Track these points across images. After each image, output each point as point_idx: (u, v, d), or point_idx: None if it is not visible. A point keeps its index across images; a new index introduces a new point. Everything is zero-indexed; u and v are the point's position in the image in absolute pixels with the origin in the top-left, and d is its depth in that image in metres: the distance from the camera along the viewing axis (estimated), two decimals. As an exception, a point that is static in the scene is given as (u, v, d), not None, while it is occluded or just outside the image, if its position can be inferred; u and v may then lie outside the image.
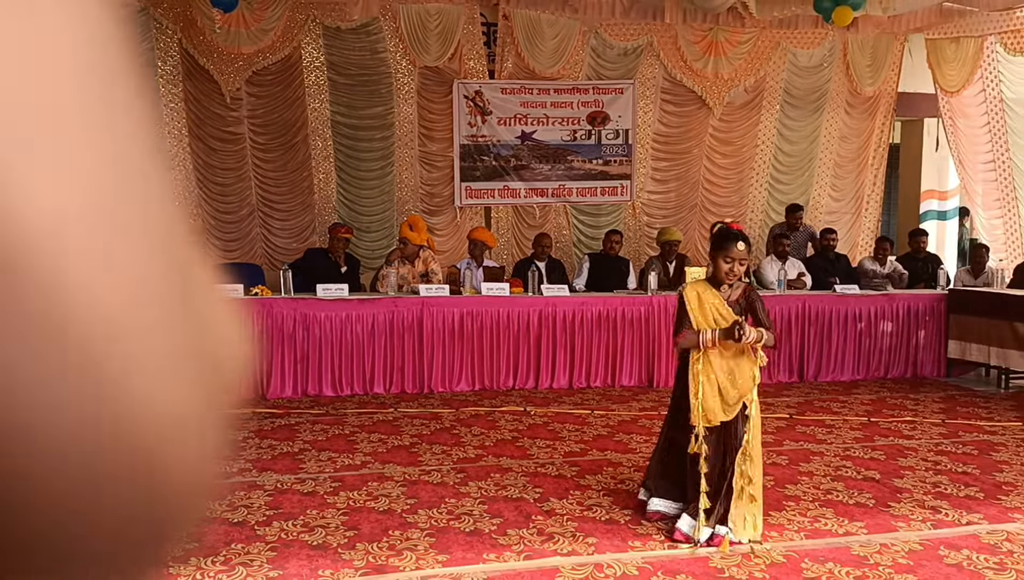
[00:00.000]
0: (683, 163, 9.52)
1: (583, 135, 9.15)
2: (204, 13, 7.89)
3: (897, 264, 8.42)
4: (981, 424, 6.06)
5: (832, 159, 9.85)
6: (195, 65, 8.16)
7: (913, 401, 6.86)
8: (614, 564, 3.44)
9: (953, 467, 4.94)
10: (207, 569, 3.36)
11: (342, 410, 6.26)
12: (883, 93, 9.75)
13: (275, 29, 8.20)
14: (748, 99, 9.49)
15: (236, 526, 3.84)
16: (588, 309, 7.19)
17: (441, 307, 6.92)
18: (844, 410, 6.46)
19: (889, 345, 7.79)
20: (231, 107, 8.32)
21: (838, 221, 9.68)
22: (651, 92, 9.30)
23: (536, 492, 4.38)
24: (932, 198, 10.86)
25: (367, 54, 8.55)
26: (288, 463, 4.88)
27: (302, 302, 6.71)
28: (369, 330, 6.80)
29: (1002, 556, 3.57)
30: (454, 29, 8.57)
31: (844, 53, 9.53)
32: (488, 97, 8.84)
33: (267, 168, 8.54)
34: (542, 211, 9.21)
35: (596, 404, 6.58)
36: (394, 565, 3.42)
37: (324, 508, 4.10)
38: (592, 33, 8.97)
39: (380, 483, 4.51)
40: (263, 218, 8.63)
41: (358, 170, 8.74)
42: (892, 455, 5.19)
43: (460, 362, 7.00)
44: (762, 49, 9.33)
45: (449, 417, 6.08)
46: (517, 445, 5.34)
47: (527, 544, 3.65)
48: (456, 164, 8.90)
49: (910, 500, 4.32)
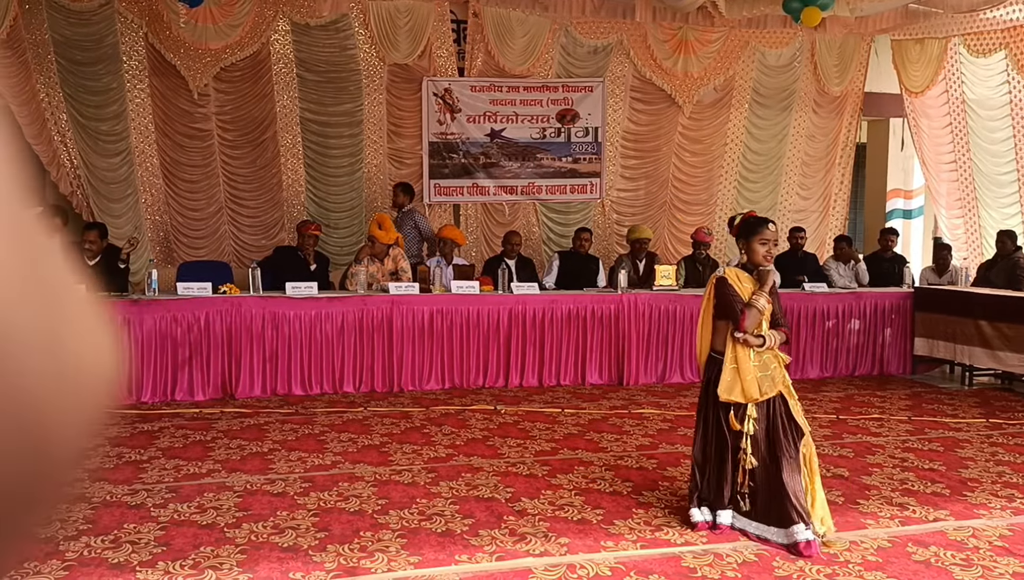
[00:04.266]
0: (652, 161, 9.56)
1: (552, 133, 9.15)
2: (170, 8, 7.77)
3: (860, 266, 8.47)
4: (946, 421, 6.16)
5: (800, 158, 9.95)
6: (162, 61, 8.03)
7: (880, 398, 6.95)
8: (587, 564, 3.44)
9: (920, 464, 5.00)
10: (175, 573, 3.30)
11: (311, 409, 6.21)
12: (850, 93, 9.86)
13: (243, 25, 8.09)
14: (717, 98, 9.55)
15: (205, 528, 3.78)
16: (558, 307, 7.19)
17: (411, 305, 6.88)
18: (813, 407, 6.52)
19: (856, 343, 7.89)
20: (199, 103, 8.20)
21: (806, 220, 9.78)
22: (621, 90, 9.33)
23: (508, 492, 4.36)
24: (898, 197, 11.02)
25: (336, 51, 8.48)
26: (258, 463, 4.82)
27: (271, 300, 6.64)
28: (338, 329, 6.75)
29: (968, 552, 3.62)
30: (424, 26, 8.53)
31: (812, 53, 9.63)
32: (457, 95, 8.81)
33: (235, 165, 8.44)
34: (511, 209, 9.20)
35: (566, 402, 6.59)
36: (366, 567, 3.39)
37: (294, 509, 4.05)
38: (562, 31, 8.97)
39: (351, 483, 4.47)
40: (231, 215, 8.53)
41: (327, 167, 8.66)
42: (860, 452, 5.25)
43: (430, 361, 6.96)
44: (731, 48, 9.39)
45: (419, 416, 6.05)
46: (488, 444, 5.32)
47: (499, 545, 3.64)
48: (425, 161, 8.86)
49: (878, 497, 4.36)
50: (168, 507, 4.06)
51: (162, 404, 6.32)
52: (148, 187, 8.29)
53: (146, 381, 6.37)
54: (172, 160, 8.29)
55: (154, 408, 6.19)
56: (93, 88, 7.92)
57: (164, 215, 8.38)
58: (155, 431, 5.54)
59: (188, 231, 8.41)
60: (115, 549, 3.53)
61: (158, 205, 8.36)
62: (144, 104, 8.14)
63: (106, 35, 7.87)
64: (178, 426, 5.68)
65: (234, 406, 6.27)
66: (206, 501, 4.15)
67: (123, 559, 3.43)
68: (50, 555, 3.43)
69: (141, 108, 8.13)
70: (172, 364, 6.43)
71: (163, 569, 3.34)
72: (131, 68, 8.04)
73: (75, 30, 7.77)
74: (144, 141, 8.19)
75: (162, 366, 6.41)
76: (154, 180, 8.29)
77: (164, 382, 6.42)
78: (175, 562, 3.40)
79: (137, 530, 3.75)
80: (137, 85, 8.09)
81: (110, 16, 7.85)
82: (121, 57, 7.97)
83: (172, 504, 4.11)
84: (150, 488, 4.36)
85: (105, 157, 8.07)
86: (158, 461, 4.85)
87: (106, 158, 8.07)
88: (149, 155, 8.24)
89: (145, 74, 8.09)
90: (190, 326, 6.44)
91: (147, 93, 8.13)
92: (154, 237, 8.35)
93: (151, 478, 4.54)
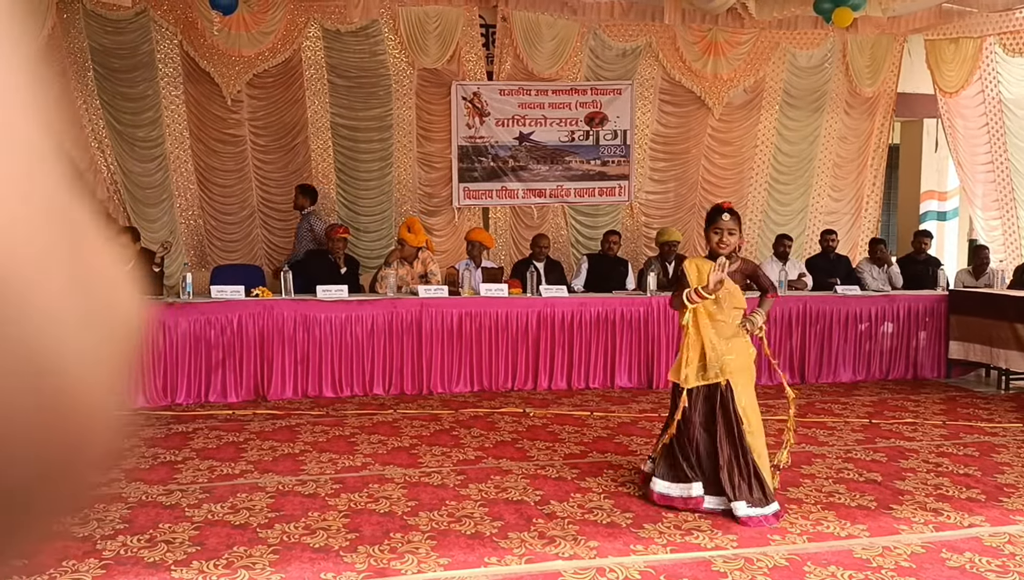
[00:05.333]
0: (682, 163, 9.52)
1: (581, 136, 9.15)
2: (204, 15, 7.89)
3: (894, 269, 8.35)
4: (982, 426, 6.06)
5: (831, 160, 9.85)
6: (196, 68, 8.16)
7: (914, 402, 6.86)
8: (616, 568, 3.44)
9: (955, 469, 4.94)
10: (209, 572, 3.35)
11: (342, 411, 6.26)
12: (882, 94, 9.75)
13: (275, 32, 8.20)
14: (747, 99, 9.50)
15: (238, 528, 3.83)
16: (587, 310, 7.18)
17: (440, 308, 6.91)
18: (845, 412, 6.46)
19: (890, 346, 7.80)
20: (232, 109, 8.31)
21: (838, 222, 9.68)
22: (650, 93, 9.30)
23: (537, 494, 4.37)
24: (932, 199, 10.87)
25: (366, 56, 8.55)
26: (289, 464, 4.88)
27: (302, 303, 6.71)
28: (368, 331, 6.80)
29: (1004, 559, 3.57)
30: (453, 31, 8.57)
31: (844, 54, 9.54)
32: (486, 98, 8.84)
33: (267, 169, 8.54)
34: (540, 212, 9.21)
35: (595, 406, 6.58)
36: (396, 568, 3.42)
37: (325, 510, 4.09)
38: (591, 34, 8.97)
39: (381, 485, 4.50)
40: (263, 219, 8.63)
41: (357, 171, 8.74)
42: (893, 457, 5.19)
43: (459, 363, 6.99)
44: (761, 50, 9.33)
45: (448, 418, 6.08)
46: (517, 447, 5.33)
47: (528, 547, 3.65)
48: (454, 165, 8.90)
49: (912, 502, 4.31)
50: (202, 507, 4.12)
51: (196, 405, 6.41)
52: (183, 192, 8.42)
53: (181, 383, 6.46)
54: (206, 165, 8.41)
55: (188, 409, 6.28)
56: (129, 95, 8.07)
57: (198, 219, 8.51)
58: (189, 432, 5.62)
59: (221, 235, 8.52)
60: (151, 548, 3.59)
61: (192, 209, 8.49)
62: (179, 110, 8.27)
63: (142, 43, 8.02)
64: (212, 427, 5.76)
65: (266, 408, 6.35)
66: (239, 501, 4.21)
67: (158, 558, 3.49)
68: (88, 554, 3.50)
69: (176, 114, 8.27)
70: (206, 366, 6.52)
71: (197, 568, 3.39)
72: (166, 75, 8.18)
73: (112, 38, 7.92)
74: (179, 147, 8.33)
75: (196, 368, 6.50)
76: (188, 185, 8.42)
77: (198, 384, 6.52)
78: (209, 561, 3.45)
79: (172, 530, 3.81)
80: (172, 92, 8.23)
81: (146, 24, 8.00)
82: (156, 64, 8.11)
83: (206, 504, 4.17)
84: (184, 488, 4.42)
85: (141, 162, 8.21)
86: (192, 462, 4.92)
87: (142, 163, 8.21)
88: (184, 160, 8.37)
89: (180, 81, 8.22)
90: (223, 329, 6.53)
91: (182, 100, 8.26)
92: (188, 241, 8.47)
93: (185, 478, 4.61)
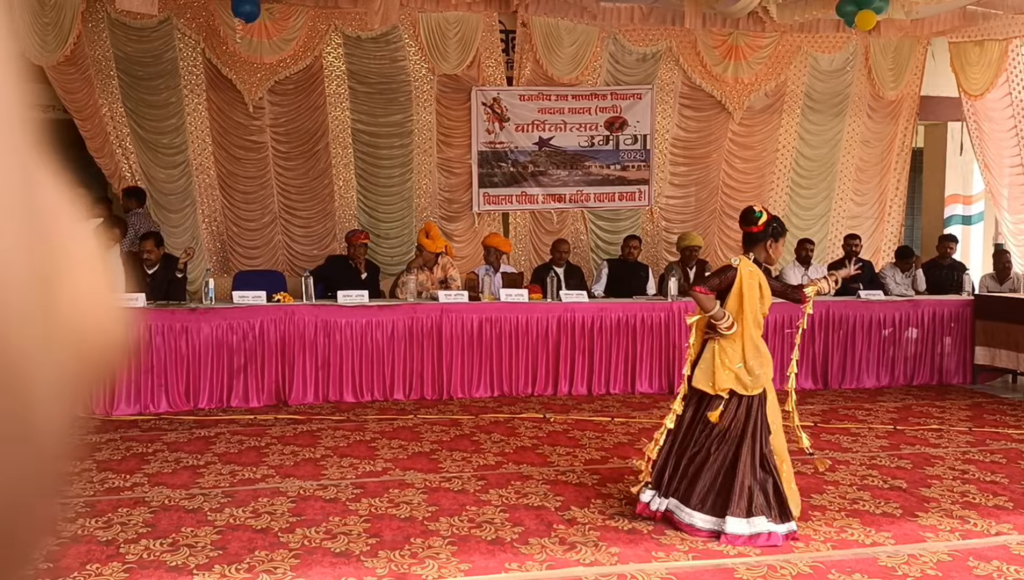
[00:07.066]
0: (702, 168, 9.47)
1: (601, 140, 9.13)
2: (226, 23, 7.96)
3: (917, 273, 8.28)
4: (1009, 432, 5.98)
5: (854, 164, 9.78)
6: (218, 75, 8.22)
7: (939, 409, 6.78)
8: (637, 575, 3.42)
9: (981, 476, 4.87)
10: (231, 576, 3.37)
11: (363, 416, 6.27)
12: (906, 97, 9.66)
13: (297, 39, 8.25)
14: (769, 103, 9.44)
15: (260, 533, 3.85)
16: (607, 315, 7.16)
17: (460, 313, 6.92)
18: (869, 418, 6.39)
19: (914, 352, 7.71)
20: (254, 116, 8.37)
21: (860, 226, 9.59)
22: (670, 97, 9.27)
23: (557, 500, 4.36)
24: (956, 203, 10.75)
25: (387, 62, 8.59)
26: (310, 469, 4.89)
27: (323, 309, 6.74)
28: (389, 336, 6.82)
29: (1032, 567, 3.51)
30: (473, 37, 8.59)
31: (866, 57, 9.46)
32: (506, 104, 8.85)
33: (289, 176, 8.59)
34: (560, 217, 9.20)
35: (616, 411, 6.55)
36: (416, 573, 3.42)
37: (346, 515, 4.10)
38: (610, 39, 8.96)
39: (401, 490, 4.51)
40: (285, 225, 8.68)
41: (378, 177, 8.78)
42: (919, 464, 5.13)
43: (479, 368, 6.99)
44: (783, 53, 9.27)
45: (469, 424, 6.07)
46: (537, 452, 5.32)
47: (549, 553, 3.63)
48: (474, 170, 8.91)
49: (938, 510, 4.26)
50: (224, 511, 4.14)
51: (218, 410, 6.45)
52: (205, 198, 8.48)
53: (203, 387, 6.51)
54: (228, 171, 8.47)
55: (211, 414, 6.33)
56: (153, 102, 8.15)
57: (220, 225, 8.57)
58: (211, 437, 5.66)
59: (243, 241, 8.58)
60: (173, 552, 3.61)
61: (215, 215, 8.55)
62: (202, 117, 8.34)
63: (165, 51, 8.10)
64: (233, 432, 5.79)
65: (287, 412, 6.37)
66: (260, 506, 4.23)
67: (181, 562, 3.51)
68: (111, 558, 3.52)
69: (199, 121, 8.34)
70: (228, 371, 6.56)
71: (219, 572, 3.40)
72: (189, 82, 8.26)
73: (136, 46, 8.01)
74: (202, 153, 8.40)
75: (218, 373, 6.54)
76: (211, 191, 8.48)
77: (220, 388, 6.56)
78: (230, 565, 3.47)
79: (194, 534, 3.83)
80: (195, 99, 8.30)
81: (169, 33, 8.08)
82: (180, 72, 8.19)
83: (228, 508, 4.19)
84: (206, 492, 4.45)
85: (164, 169, 8.29)
86: (214, 466, 4.95)
87: (165, 170, 8.29)
88: (206, 167, 8.44)
89: (203, 88, 8.29)
90: (245, 334, 6.57)
91: (204, 107, 8.33)
92: (211, 247, 8.53)
93: (207, 483, 4.63)
